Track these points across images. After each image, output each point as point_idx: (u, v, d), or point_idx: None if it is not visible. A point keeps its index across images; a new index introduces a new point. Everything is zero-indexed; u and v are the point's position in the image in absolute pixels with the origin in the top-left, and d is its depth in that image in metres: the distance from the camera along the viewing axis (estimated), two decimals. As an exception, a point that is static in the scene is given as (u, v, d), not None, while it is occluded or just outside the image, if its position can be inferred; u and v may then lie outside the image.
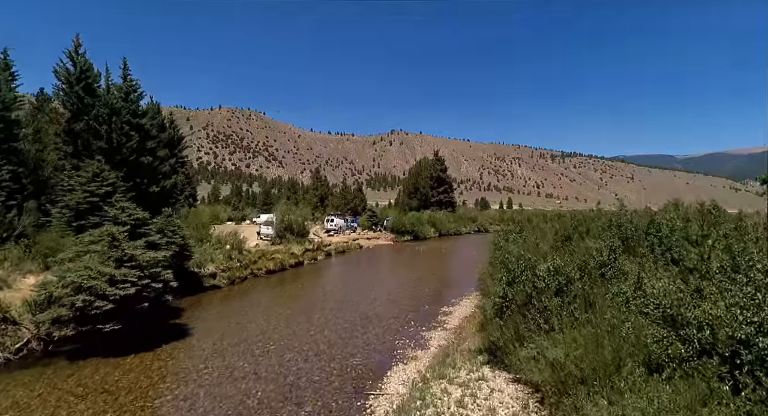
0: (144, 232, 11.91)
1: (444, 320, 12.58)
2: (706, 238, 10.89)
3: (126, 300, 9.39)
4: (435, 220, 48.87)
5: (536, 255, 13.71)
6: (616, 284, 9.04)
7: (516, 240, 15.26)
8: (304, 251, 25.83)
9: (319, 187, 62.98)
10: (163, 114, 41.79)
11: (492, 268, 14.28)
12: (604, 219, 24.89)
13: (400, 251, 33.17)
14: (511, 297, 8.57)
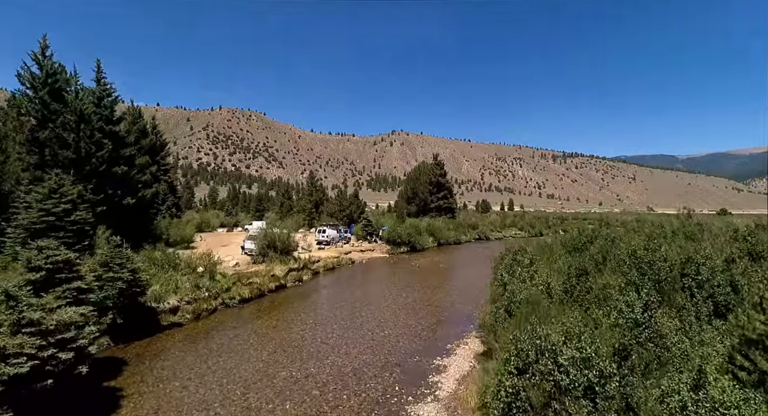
0: (67, 277, 9.71)
1: (437, 381, 10.33)
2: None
3: (18, 379, 7.24)
4: (433, 229, 46.61)
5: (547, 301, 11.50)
6: (663, 371, 6.76)
7: (521, 275, 13.00)
8: (288, 271, 23.54)
9: (314, 193, 60.73)
10: (146, 118, 39.67)
11: (495, 310, 12.04)
12: (607, 232, 22.60)
13: (395, 267, 30.84)
14: (524, 395, 6.39)
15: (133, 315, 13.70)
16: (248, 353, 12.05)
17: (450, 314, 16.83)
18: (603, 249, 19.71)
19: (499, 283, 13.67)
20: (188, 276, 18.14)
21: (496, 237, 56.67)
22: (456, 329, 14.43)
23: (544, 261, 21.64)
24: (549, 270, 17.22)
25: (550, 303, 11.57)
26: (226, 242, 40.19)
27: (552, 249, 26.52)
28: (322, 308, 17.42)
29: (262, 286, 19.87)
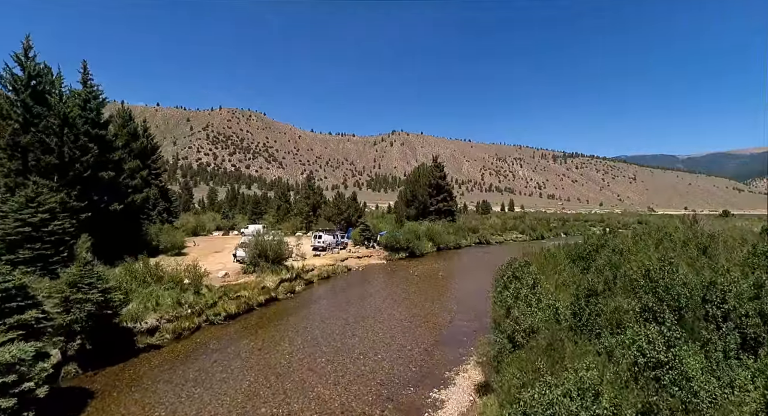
0: (20, 306, 8.67)
1: (432, 421, 9.32)
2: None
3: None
4: (433, 233, 45.54)
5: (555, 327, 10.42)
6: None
7: (526, 297, 11.92)
8: (280, 282, 22.46)
9: (311, 196, 59.64)
10: (137, 121, 38.64)
11: (496, 339, 10.96)
12: (616, 242, 21.46)
13: (392, 275, 29.73)
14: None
15: (106, 338, 12.65)
16: (228, 383, 10.96)
17: (449, 332, 15.77)
18: (611, 263, 18.66)
19: (501, 305, 12.62)
20: (171, 290, 17.09)
21: (496, 241, 55.61)
22: (455, 352, 13.36)
23: (548, 273, 20.60)
24: (554, 286, 16.17)
25: (558, 329, 10.50)
26: (219, 247, 39.16)
27: (556, 258, 25.49)
28: (313, 325, 16.33)
29: (251, 300, 18.78)
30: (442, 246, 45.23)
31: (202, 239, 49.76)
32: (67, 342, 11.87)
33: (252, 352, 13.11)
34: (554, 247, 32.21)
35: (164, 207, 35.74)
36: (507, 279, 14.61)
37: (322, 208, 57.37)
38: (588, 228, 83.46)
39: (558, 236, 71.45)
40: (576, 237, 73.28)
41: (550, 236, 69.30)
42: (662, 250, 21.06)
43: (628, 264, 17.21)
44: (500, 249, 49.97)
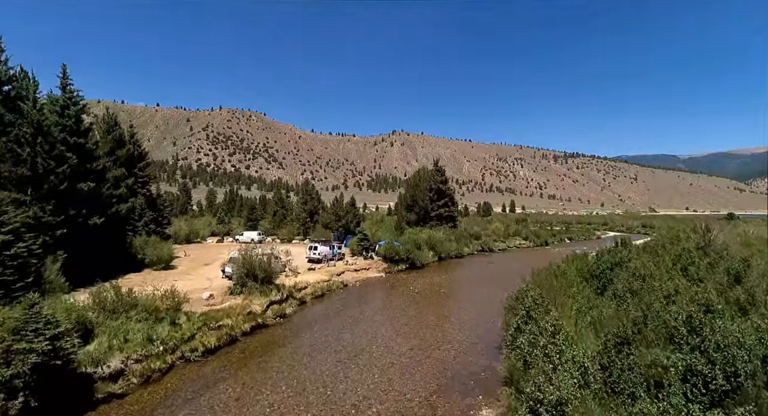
0: None
1: None
2: None
3: None
4: (434, 242, 43.80)
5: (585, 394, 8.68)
6: None
7: (545, 348, 10.16)
8: (269, 305, 20.71)
9: (308, 201, 57.91)
10: (123, 127, 36.93)
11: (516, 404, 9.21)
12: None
13: (391, 292, 27.95)
14: None
15: (57, 391, 10.93)
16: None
17: (454, 372, 14.01)
18: (631, 290, 16.90)
19: (517, 355, 10.88)
20: (144, 322, 15.36)
21: (499, 249, 53.83)
22: (462, 403, 11.57)
23: (561, 297, 18.85)
24: (572, 320, 14.40)
25: (587, 393, 8.75)
26: (210, 259, 37.47)
27: (567, 277, 23.74)
28: (300, 364, 14.57)
29: (234, 329, 17.04)
30: (443, 256, 43.49)
31: (195, 247, 48.08)
32: (7, 401, 10.13)
33: (228, 404, 11.34)
34: (564, 261, 30.44)
35: (152, 217, 33.99)
36: (521, 319, 12.84)
37: (320, 213, 55.66)
38: (592, 233, 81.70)
39: (562, 242, 69.74)
40: (580, 243, 71.69)
41: (554, 241, 67.56)
42: (688, 271, 19.33)
43: (653, 294, 15.47)
44: (504, 257, 48.24)
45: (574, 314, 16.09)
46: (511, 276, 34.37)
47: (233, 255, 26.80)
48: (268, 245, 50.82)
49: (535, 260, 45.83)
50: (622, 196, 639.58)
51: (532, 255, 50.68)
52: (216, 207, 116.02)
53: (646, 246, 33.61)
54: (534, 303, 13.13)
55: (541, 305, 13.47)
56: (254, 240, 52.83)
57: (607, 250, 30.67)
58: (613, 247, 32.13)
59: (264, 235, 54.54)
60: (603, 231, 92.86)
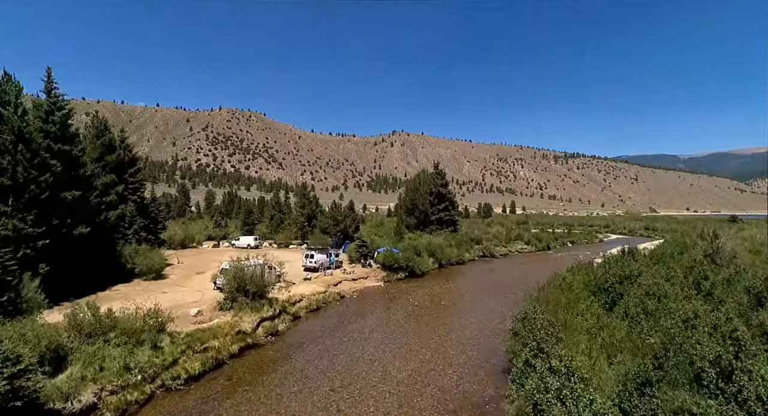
0: None
1: None
2: None
3: None
4: (434, 248, 42.72)
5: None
6: None
7: (559, 392, 9.08)
8: (260, 321, 19.63)
9: (306, 205, 56.80)
10: (113, 132, 35.87)
11: None
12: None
13: (390, 304, 26.83)
14: None
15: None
16: None
17: (456, 404, 12.84)
18: (645, 311, 15.80)
19: (527, 397, 9.80)
20: (123, 346, 14.29)
21: (501, 254, 52.74)
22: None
23: (569, 315, 17.76)
24: (588, 361, 13.25)
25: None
26: (203, 266, 36.39)
27: (574, 292, 22.64)
28: (290, 394, 13.32)
29: (221, 352, 15.99)
30: (444, 263, 42.42)
31: (190, 253, 47.01)
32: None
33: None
34: (569, 271, 29.36)
35: (143, 224, 32.88)
36: (530, 352, 11.74)
37: (318, 218, 54.60)
38: (594, 236, 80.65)
39: (564, 246, 68.63)
40: (583, 247, 70.69)
41: (556, 246, 66.47)
42: (701, 286, 18.23)
43: (670, 317, 14.37)
44: (506, 263, 47.17)
45: (583, 336, 15.02)
46: (513, 285, 33.33)
47: (225, 266, 25.74)
48: (265, 250, 49.91)
49: (538, 266, 44.83)
50: (622, 196, 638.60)
51: (535, 261, 49.61)
52: (214, 209, 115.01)
53: (653, 254, 32.52)
54: (545, 333, 12.00)
55: (552, 334, 12.36)
56: (251, 245, 51.80)
57: (614, 259, 29.59)
58: (619, 256, 31.06)
59: (261, 240, 53.50)
60: (605, 234, 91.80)
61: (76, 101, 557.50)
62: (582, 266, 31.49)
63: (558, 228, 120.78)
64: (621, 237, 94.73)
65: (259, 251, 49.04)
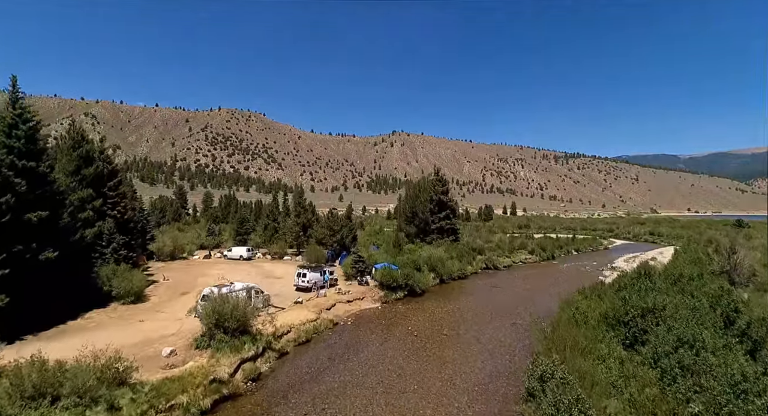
0: None
1: None
2: None
3: None
4: (434, 262, 40.62)
5: None
6: None
7: None
8: (240, 363, 17.53)
9: (302, 214, 54.60)
10: (94, 141, 33.73)
11: None
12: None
13: (387, 333, 24.56)
14: None
15: None
16: None
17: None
18: (681, 364, 13.63)
19: None
20: (72, 410, 12.17)
21: (504, 266, 50.51)
22: None
23: (586, 355, 15.65)
24: None
25: None
26: (190, 285, 34.26)
27: (591, 327, 20.49)
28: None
29: (190, 409, 13.89)
30: (445, 278, 40.27)
31: (178, 266, 44.86)
32: None
33: None
34: (581, 295, 27.20)
35: (123, 241, 30.70)
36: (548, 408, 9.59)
37: (314, 227, 52.42)
38: (599, 243, 78.50)
39: (569, 254, 66.47)
40: (588, 255, 68.46)
41: (561, 254, 64.33)
42: (734, 322, 16.05)
43: (715, 380, 12.22)
44: (510, 277, 44.97)
45: (611, 399, 12.87)
46: (519, 305, 31.15)
47: (206, 293, 23.62)
48: (258, 262, 47.76)
49: (544, 281, 42.64)
50: (623, 196, 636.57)
51: (540, 274, 47.48)
52: (210, 213, 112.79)
53: (669, 273, 30.33)
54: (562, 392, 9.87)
55: (574, 403, 10.24)
56: (243, 257, 49.68)
57: (630, 281, 27.41)
58: (635, 276, 28.87)
59: (254, 251, 51.33)
60: (609, 240, 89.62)
61: (75, 101, 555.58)
62: (595, 288, 29.36)
63: (561, 232, 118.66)
64: (626, 243, 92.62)
65: (252, 263, 46.92)
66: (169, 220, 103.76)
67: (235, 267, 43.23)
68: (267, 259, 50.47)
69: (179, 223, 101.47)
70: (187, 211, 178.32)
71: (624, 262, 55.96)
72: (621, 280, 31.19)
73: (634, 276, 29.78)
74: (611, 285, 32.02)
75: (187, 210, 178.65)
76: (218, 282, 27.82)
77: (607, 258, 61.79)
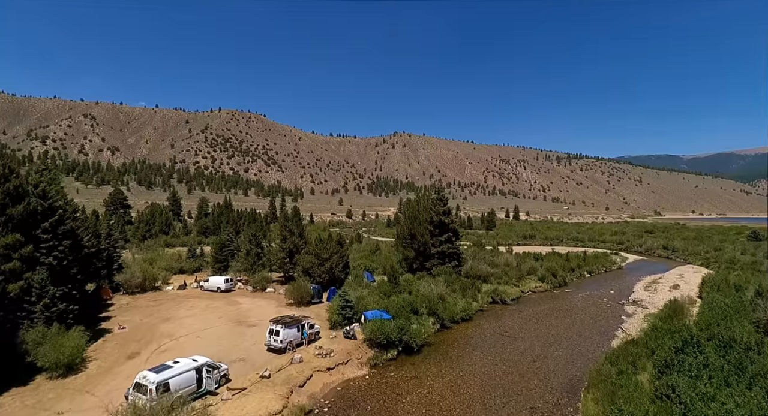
0: None
1: None
2: None
3: None
4: (434, 303, 35.51)
5: None
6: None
7: None
8: None
9: (288, 238, 49.39)
10: (29, 174, 28.63)
11: None
12: None
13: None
14: None
15: None
16: None
17: None
18: None
19: None
20: None
21: (512, 299, 45.19)
22: None
23: None
24: None
25: None
26: (147, 337, 29.23)
27: None
28: None
29: None
30: (446, 322, 35.02)
31: (145, 303, 39.74)
32: None
33: None
34: (612, 366, 21.94)
35: (61, 292, 25.52)
36: None
37: (301, 254, 47.20)
38: (612, 263, 73.16)
39: (581, 277, 61.24)
40: (602, 279, 63.10)
41: (573, 278, 59.10)
42: None
43: None
44: (520, 317, 39.57)
45: None
46: (537, 371, 25.86)
47: (140, 381, 18.48)
48: (236, 296, 42.64)
49: (560, 320, 37.25)
50: (626, 198, 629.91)
51: (554, 310, 42.27)
52: (200, 224, 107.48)
53: (714, 334, 25.00)
54: None
55: None
56: (221, 288, 44.51)
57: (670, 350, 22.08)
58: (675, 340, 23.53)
59: (233, 282, 46.10)
60: (621, 256, 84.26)
61: (75, 102, 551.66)
62: (626, 351, 24.20)
63: (568, 243, 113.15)
64: (639, 259, 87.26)
65: (229, 298, 41.77)
66: (156, 233, 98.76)
67: (208, 306, 38.09)
68: (248, 291, 45.32)
69: (167, 237, 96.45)
70: (181, 217, 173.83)
71: (644, 291, 50.73)
72: (656, 339, 26.02)
73: (671, 335, 24.56)
74: (645, 343, 26.84)
75: (181, 217, 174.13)
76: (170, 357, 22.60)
77: (624, 284, 56.51)
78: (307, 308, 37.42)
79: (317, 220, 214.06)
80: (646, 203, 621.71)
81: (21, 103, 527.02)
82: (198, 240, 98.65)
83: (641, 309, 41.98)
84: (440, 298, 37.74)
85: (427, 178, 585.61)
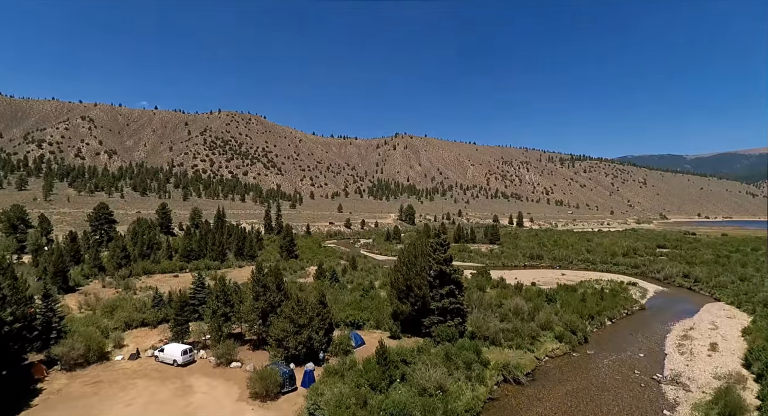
0: None
1: None
2: None
3: None
4: (430, 406, 28.17)
5: None
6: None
7: None
8: None
9: (261, 295, 42.06)
10: None
11: None
12: None
13: None
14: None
15: None
16: None
17: None
18: None
19: None
20: None
21: (527, 373, 37.91)
22: None
23: None
24: None
25: None
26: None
27: None
28: None
29: None
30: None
31: (78, 388, 32.57)
32: None
33: None
34: None
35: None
36: None
37: (277, 314, 39.88)
38: (632, 301, 65.66)
39: (602, 327, 53.87)
40: (624, 325, 56.02)
41: (593, 329, 51.74)
42: None
43: None
44: (540, 408, 32.42)
45: None
46: None
47: None
48: (191, 374, 35.30)
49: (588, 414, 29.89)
50: (631, 201, 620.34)
51: (578, 392, 35.00)
52: (184, 246, 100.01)
53: None
54: None
55: None
56: (177, 362, 37.14)
57: None
58: None
59: (193, 352, 38.70)
60: (640, 288, 76.92)
61: (73, 104, 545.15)
62: None
63: (578, 264, 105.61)
64: (659, 290, 79.80)
65: (183, 378, 34.45)
66: (135, 257, 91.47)
67: (151, 401, 30.71)
68: (210, 364, 37.96)
69: (146, 262, 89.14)
70: (171, 229, 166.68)
71: (679, 354, 43.47)
72: None
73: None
74: None
75: (172, 229, 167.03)
76: None
77: (652, 338, 49.21)
78: (275, 403, 30.12)
79: (314, 231, 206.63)
80: (651, 206, 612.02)
81: (19, 104, 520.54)
82: (180, 266, 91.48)
83: (684, 394, 34.59)
84: (439, 388, 30.49)
85: (428, 181, 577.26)
